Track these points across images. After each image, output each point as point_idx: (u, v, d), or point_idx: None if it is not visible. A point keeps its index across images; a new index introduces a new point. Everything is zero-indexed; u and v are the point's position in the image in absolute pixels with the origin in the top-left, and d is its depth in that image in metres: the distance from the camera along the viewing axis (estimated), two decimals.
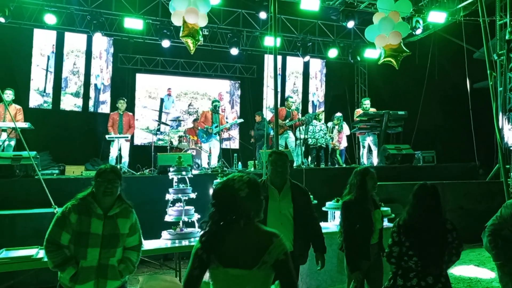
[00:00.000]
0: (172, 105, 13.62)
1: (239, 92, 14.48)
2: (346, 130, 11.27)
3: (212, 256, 2.01)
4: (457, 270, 5.79)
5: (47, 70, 11.39)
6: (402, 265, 2.96)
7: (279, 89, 9.45)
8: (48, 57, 11.41)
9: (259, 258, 1.96)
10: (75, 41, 11.74)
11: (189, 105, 13.87)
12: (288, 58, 13.89)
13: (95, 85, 12.12)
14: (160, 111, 13.40)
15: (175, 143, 10.45)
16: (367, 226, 3.58)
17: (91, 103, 12.11)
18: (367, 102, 10.41)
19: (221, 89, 14.28)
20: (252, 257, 1.97)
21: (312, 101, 14.35)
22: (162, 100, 13.48)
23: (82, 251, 2.74)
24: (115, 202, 2.89)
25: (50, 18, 10.29)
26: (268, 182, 3.57)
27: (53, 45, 11.43)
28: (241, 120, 11.07)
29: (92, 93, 12.09)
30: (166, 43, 11.08)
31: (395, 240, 3.01)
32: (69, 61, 11.73)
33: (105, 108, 12.21)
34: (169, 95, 13.54)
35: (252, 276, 1.97)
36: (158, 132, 11.53)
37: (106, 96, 12.27)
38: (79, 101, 11.91)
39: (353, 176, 3.71)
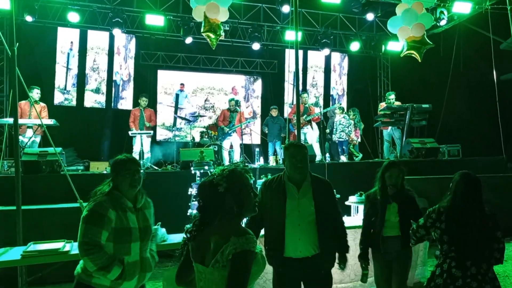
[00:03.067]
0: (186, 100, 13.53)
1: (254, 87, 14.32)
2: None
3: (189, 249, 2.02)
4: None
5: (67, 68, 11.56)
6: (452, 256, 2.92)
7: (300, 84, 9.39)
8: (68, 54, 11.58)
9: (214, 256, 1.87)
10: (97, 39, 11.88)
11: (205, 100, 13.79)
12: (310, 53, 13.77)
13: (115, 81, 12.23)
14: (176, 107, 13.30)
15: (197, 139, 10.52)
16: (380, 218, 3.64)
17: (122, 102, 12.28)
18: (392, 97, 10.26)
19: (236, 84, 14.12)
20: (211, 254, 1.89)
21: (332, 95, 14.19)
22: (176, 96, 13.37)
23: (126, 247, 2.65)
24: (138, 193, 2.81)
25: (73, 16, 10.50)
26: (284, 178, 3.21)
27: (71, 42, 11.57)
28: (254, 120, 11.18)
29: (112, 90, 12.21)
30: (189, 40, 11.16)
31: (427, 225, 3.05)
32: (89, 58, 11.86)
33: (124, 104, 12.28)
34: (181, 90, 13.41)
35: (209, 274, 1.89)
36: (174, 129, 11.57)
37: (127, 93, 12.38)
38: (100, 97, 12.02)
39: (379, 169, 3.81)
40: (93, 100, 11.98)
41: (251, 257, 1.84)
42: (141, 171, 2.82)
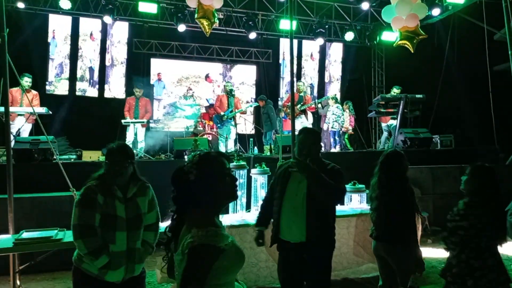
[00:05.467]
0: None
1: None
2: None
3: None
4: None
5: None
6: (472, 247, 2.89)
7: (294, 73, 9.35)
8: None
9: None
10: (87, 26, 11.76)
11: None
12: (304, 42, 13.71)
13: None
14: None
15: (191, 128, 10.50)
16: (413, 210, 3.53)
17: (106, 88, 12.16)
18: (396, 91, 10.24)
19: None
20: (178, 246, 1.78)
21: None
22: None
23: (110, 235, 2.63)
24: (130, 182, 2.78)
25: (65, 3, 10.35)
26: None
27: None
28: (256, 104, 10.96)
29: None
30: (182, 27, 11.03)
31: (471, 222, 2.91)
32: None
33: (114, 91, 12.20)
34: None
35: (177, 267, 1.76)
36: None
37: (120, 81, 12.27)
38: (83, 85, 11.90)
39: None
40: (78, 88, 11.88)
41: (210, 252, 1.68)
42: (129, 161, 2.77)
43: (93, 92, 11.98)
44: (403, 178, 3.49)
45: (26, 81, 8.16)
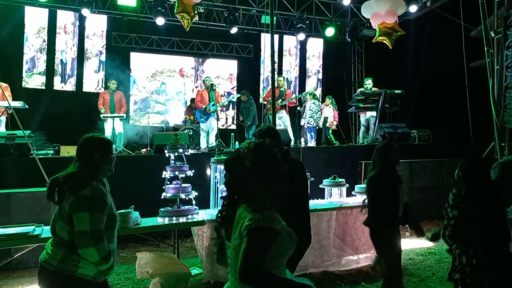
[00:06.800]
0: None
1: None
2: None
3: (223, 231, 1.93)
4: None
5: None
6: (477, 242, 2.85)
7: (275, 68, 9.33)
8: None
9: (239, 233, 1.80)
10: (64, 19, 11.49)
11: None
12: (286, 37, 13.73)
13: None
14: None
15: (171, 123, 10.41)
16: (394, 200, 3.56)
17: (84, 82, 11.92)
18: (368, 82, 10.36)
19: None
20: (234, 230, 1.85)
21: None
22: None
23: (111, 233, 2.52)
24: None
25: None
26: None
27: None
28: (238, 95, 10.89)
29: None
30: (160, 21, 10.89)
31: (463, 211, 2.87)
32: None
33: (91, 85, 11.97)
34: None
35: (233, 250, 1.84)
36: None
37: (97, 75, 12.06)
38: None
39: (375, 152, 3.71)
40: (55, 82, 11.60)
41: (268, 234, 1.75)
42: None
43: (67, 86, 11.72)
44: None
45: None
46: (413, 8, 11.18)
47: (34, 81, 11.32)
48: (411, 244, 6.17)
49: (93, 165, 2.51)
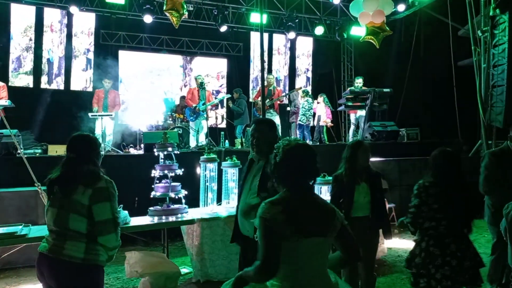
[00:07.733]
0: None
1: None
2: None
3: (292, 228, 1.94)
4: None
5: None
6: (431, 233, 2.95)
7: (265, 67, 9.30)
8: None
9: (329, 224, 2.02)
10: (51, 17, 11.33)
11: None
12: (275, 36, 13.73)
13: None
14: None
15: (161, 122, 10.35)
16: (348, 199, 3.62)
17: (71, 80, 11.79)
18: (359, 81, 10.39)
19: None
20: (324, 224, 2.02)
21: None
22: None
23: None
24: None
25: None
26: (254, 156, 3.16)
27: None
28: (228, 95, 10.88)
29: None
30: (148, 18, 10.80)
31: (423, 200, 2.99)
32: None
33: (79, 83, 11.86)
34: None
35: (326, 243, 2.03)
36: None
37: (85, 74, 11.93)
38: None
39: (345, 149, 3.75)
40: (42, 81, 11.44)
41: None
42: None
43: (54, 85, 11.58)
44: None
45: None
46: (401, 8, 11.25)
47: (20, 80, 11.15)
48: (400, 243, 6.22)
49: (94, 161, 2.68)
